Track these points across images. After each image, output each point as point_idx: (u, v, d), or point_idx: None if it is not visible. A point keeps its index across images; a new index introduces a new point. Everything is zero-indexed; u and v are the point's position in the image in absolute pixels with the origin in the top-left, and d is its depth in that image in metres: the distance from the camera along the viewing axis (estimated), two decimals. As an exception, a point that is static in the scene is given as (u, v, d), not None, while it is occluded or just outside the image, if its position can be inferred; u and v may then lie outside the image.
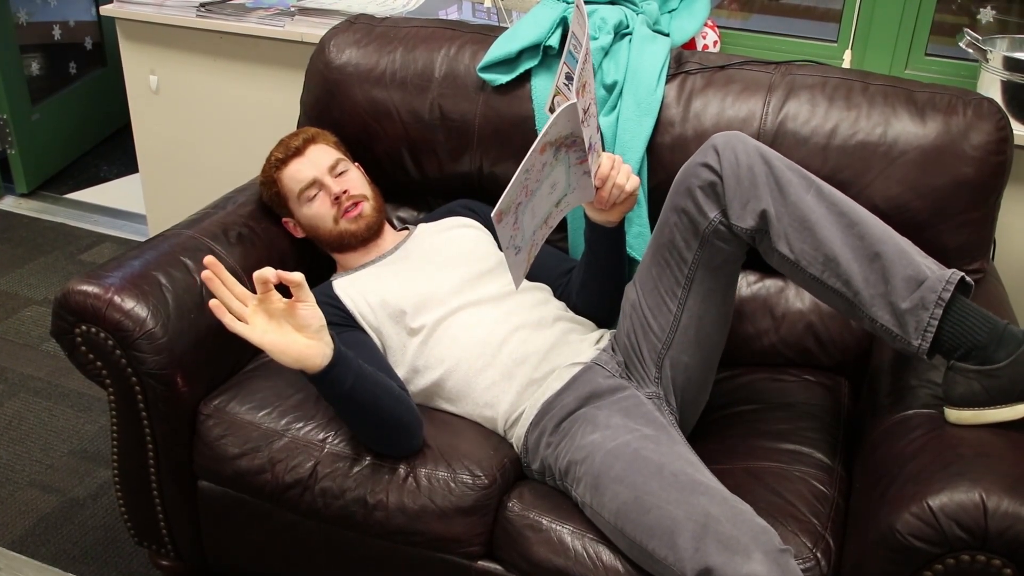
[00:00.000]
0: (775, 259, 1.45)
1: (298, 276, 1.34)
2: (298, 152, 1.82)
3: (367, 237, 1.81)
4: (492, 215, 1.28)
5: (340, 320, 1.67)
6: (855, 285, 1.38)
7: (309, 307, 1.38)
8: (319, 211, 1.80)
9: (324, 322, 1.40)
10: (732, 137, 1.45)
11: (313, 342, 1.39)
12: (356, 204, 1.79)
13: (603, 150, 1.64)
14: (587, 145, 1.43)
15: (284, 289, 1.37)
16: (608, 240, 1.68)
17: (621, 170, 1.55)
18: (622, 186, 1.55)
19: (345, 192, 1.78)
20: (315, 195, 1.80)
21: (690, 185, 1.46)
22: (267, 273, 1.33)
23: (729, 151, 1.43)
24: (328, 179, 1.79)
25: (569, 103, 1.33)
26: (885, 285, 1.37)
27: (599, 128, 1.59)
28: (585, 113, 1.41)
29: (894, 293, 1.36)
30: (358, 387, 1.45)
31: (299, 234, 1.88)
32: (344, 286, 1.73)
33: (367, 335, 1.68)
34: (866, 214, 1.41)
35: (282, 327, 1.38)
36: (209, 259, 1.32)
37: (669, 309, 1.54)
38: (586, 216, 1.66)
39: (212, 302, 1.32)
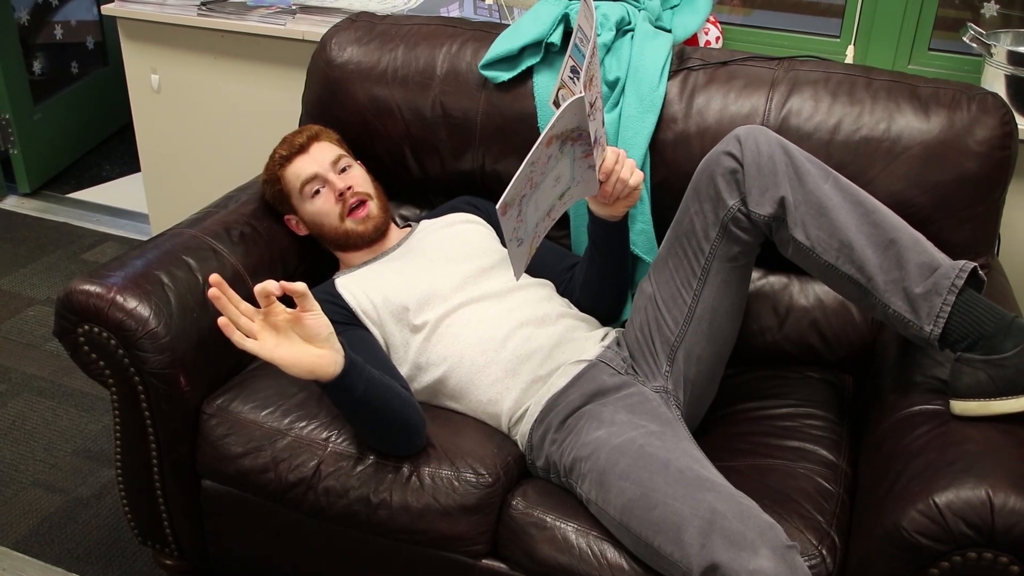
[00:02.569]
0: (791, 248, 1.46)
1: (301, 286, 1.32)
2: (302, 149, 1.82)
3: (374, 238, 1.81)
4: (497, 207, 1.28)
5: (343, 318, 1.66)
6: (869, 270, 1.40)
7: (315, 316, 1.36)
8: (323, 208, 1.79)
9: (332, 329, 1.38)
10: (754, 129, 1.48)
11: (324, 351, 1.38)
12: (363, 204, 1.79)
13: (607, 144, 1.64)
14: (592, 139, 1.43)
15: (287, 299, 1.35)
16: (611, 235, 1.68)
17: (625, 164, 1.55)
18: (626, 180, 1.55)
19: (349, 188, 1.78)
20: (318, 191, 1.79)
21: (712, 173, 1.49)
22: (269, 286, 1.30)
23: (751, 141, 1.46)
24: (331, 175, 1.79)
25: (577, 97, 1.33)
26: (899, 271, 1.38)
27: (604, 122, 1.59)
28: (591, 107, 1.41)
29: (908, 279, 1.38)
30: (368, 392, 1.44)
31: (302, 232, 1.88)
32: (347, 283, 1.73)
33: (370, 333, 1.68)
34: (881, 205, 1.44)
35: (291, 339, 1.36)
36: (214, 277, 1.30)
37: (684, 300, 1.55)
38: (589, 211, 1.66)
39: (220, 320, 1.31)
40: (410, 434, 1.52)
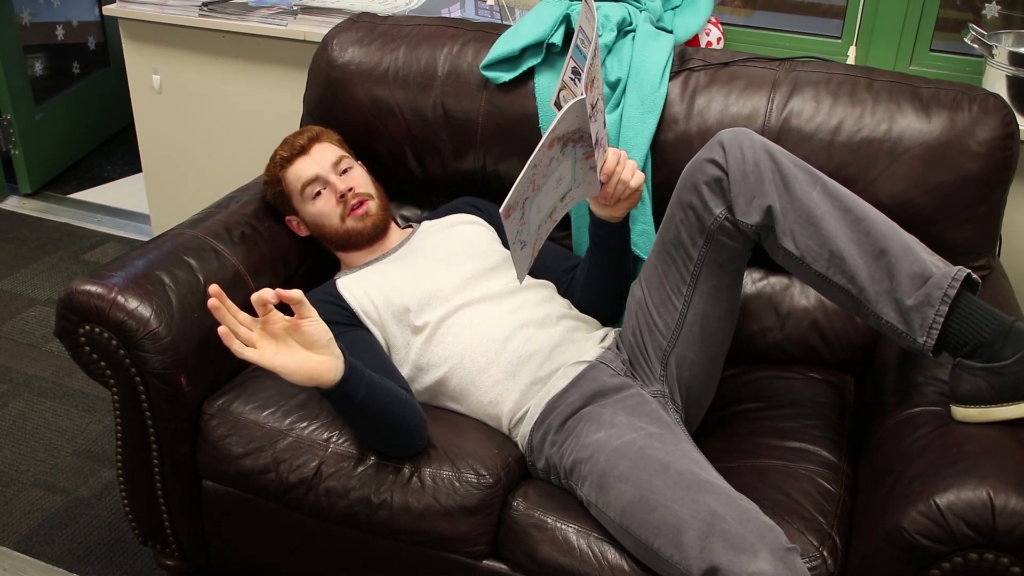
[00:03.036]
0: (780, 256, 1.44)
1: (297, 294, 1.32)
2: (303, 150, 1.82)
3: (374, 236, 1.81)
4: (500, 210, 1.28)
5: (344, 319, 1.67)
6: (860, 282, 1.38)
7: (313, 323, 1.36)
8: (324, 209, 1.79)
9: (331, 335, 1.38)
10: (738, 133, 1.44)
11: (324, 357, 1.37)
12: (362, 203, 1.79)
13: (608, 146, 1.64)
14: (594, 140, 1.43)
15: (286, 306, 1.35)
16: (612, 236, 1.67)
17: (626, 165, 1.55)
18: (627, 182, 1.55)
19: (351, 190, 1.78)
20: (319, 192, 1.80)
21: (696, 181, 1.46)
22: (266, 294, 1.30)
23: (735, 147, 1.43)
24: (332, 176, 1.79)
25: (578, 99, 1.33)
26: (890, 282, 1.36)
27: (605, 124, 1.59)
28: (593, 108, 1.41)
29: (899, 290, 1.35)
30: (369, 396, 1.44)
31: (303, 232, 1.88)
32: (348, 284, 1.73)
33: (370, 334, 1.68)
34: (872, 210, 1.41)
35: (291, 347, 1.36)
36: (213, 288, 1.30)
37: (675, 306, 1.54)
38: (590, 212, 1.66)
39: (220, 329, 1.31)
40: (411, 436, 1.52)
